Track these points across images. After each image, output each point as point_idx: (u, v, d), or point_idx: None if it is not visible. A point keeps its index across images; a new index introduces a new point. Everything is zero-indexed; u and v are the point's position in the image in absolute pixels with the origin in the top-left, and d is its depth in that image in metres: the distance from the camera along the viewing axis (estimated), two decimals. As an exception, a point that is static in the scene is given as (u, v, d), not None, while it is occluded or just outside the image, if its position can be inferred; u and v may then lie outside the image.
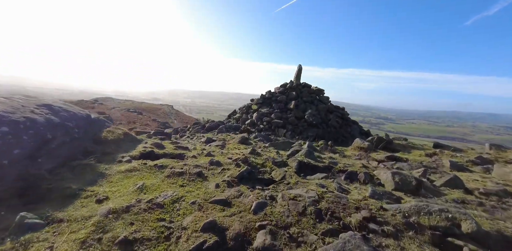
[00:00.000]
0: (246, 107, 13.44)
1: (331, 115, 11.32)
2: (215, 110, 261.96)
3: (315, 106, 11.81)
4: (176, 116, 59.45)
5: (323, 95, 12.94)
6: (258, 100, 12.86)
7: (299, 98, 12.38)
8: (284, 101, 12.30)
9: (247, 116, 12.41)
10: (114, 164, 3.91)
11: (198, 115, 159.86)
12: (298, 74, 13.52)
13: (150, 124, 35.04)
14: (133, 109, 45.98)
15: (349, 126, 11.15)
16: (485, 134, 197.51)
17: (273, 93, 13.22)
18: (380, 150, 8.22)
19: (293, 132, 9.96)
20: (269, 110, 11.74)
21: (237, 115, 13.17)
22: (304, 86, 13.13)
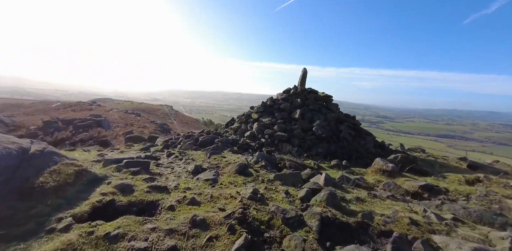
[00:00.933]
0: (245, 115, 12.00)
1: (342, 125, 9.88)
2: (215, 110, 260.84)
3: (323, 115, 10.37)
4: (176, 117, 57.97)
5: (332, 102, 11.50)
6: (259, 108, 11.41)
7: (304, 106, 10.94)
8: (288, 109, 10.86)
9: (246, 126, 10.97)
10: (38, 239, 2.47)
11: (198, 115, 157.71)
12: (302, 78, 12.06)
13: (148, 126, 33.49)
14: (131, 111, 44.59)
15: (362, 139, 9.71)
16: (485, 132, 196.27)
17: (275, 100, 11.77)
18: (407, 174, 6.79)
19: (299, 148, 8.53)
20: (271, 120, 10.30)
21: (235, 125, 11.73)
22: (310, 92, 11.69)
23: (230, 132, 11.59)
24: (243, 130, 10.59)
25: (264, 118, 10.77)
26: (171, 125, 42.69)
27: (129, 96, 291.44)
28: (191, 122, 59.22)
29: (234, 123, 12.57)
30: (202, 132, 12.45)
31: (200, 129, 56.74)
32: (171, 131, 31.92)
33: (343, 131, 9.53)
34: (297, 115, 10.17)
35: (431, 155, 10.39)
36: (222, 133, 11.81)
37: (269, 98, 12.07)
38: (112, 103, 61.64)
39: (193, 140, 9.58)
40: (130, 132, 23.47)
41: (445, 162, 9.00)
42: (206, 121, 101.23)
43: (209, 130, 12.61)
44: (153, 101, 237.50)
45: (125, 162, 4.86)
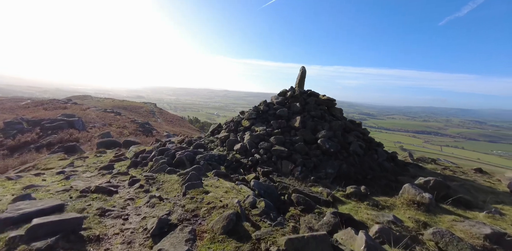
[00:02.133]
0: (234, 122, 10.03)
1: (350, 136, 8.20)
2: (202, 107, 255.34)
3: (327, 123, 8.64)
4: (160, 115, 54.32)
5: (335, 107, 9.80)
6: (250, 114, 9.48)
7: (305, 112, 9.16)
8: (285, 116, 9.02)
9: (236, 136, 9.03)
10: None
11: (183, 113, 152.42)
12: (301, 79, 10.25)
13: (128, 126, 30.35)
14: (111, 109, 40.83)
15: (374, 151, 8.10)
16: (457, 128, 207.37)
17: (270, 104, 9.88)
18: (447, 206, 5.22)
19: (303, 167, 6.74)
20: (266, 130, 8.42)
21: (222, 133, 9.74)
22: (310, 95, 9.90)
23: (216, 142, 9.58)
24: (232, 142, 8.63)
25: (257, 127, 8.87)
26: (155, 124, 39.66)
27: (110, 93, 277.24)
28: (176, 120, 56.09)
29: (221, 130, 10.56)
30: (182, 142, 10.34)
31: (185, 127, 53.88)
32: (153, 131, 29.22)
33: (353, 143, 7.86)
34: (297, 123, 8.36)
35: (448, 168, 9.04)
36: (207, 143, 9.79)
37: (263, 102, 10.15)
38: (91, 101, 56.95)
39: (168, 157, 7.49)
40: (107, 134, 20.74)
41: (470, 179, 7.61)
42: (192, 119, 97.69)
43: (191, 139, 10.54)
44: (136, 98, 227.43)
45: (34, 225, 2.79)
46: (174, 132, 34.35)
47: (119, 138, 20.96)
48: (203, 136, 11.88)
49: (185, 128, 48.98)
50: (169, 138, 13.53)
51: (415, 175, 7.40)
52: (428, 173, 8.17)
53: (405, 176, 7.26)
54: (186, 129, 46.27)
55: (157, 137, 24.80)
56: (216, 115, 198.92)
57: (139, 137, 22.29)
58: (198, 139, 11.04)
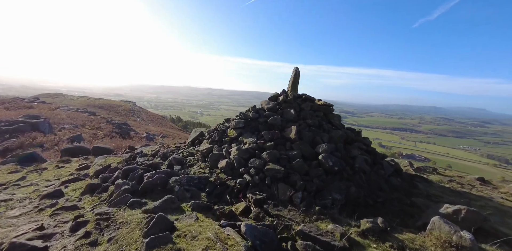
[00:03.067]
0: (218, 132, 8.54)
1: (353, 149, 7.05)
2: (184, 106, 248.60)
3: (326, 133, 7.44)
4: (140, 114, 50.78)
5: (333, 113, 8.63)
6: (238, 122, 8.03)
7: (300, 120, 7.88)
8: (278, 124, 7.68)
9: (220, 149, 7.56)
10: None
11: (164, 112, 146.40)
12: (294, 81, 8.96)
13: (103, 127, 27.35)
14: (85, 108, 37.14)
15: (380, 166, 7.03)
16: (429, 125, 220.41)
17: (260, 111, 8.48)
18: (493, 249, 4.19)
19: (305, 193, 5.46)
20: (257, 142, 7.03)
21: (204, 145, 8.22)
22: (305, 100, 8.64)
23: (197, 156, 8.04)
24: (216, 157, 7.15)
25: (246, 138, 7.46)
26: (134, 124, 36.72)
27: (86, 91, 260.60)
28: (157, 119, 52.97)
29: (203, 140, 9.02)
30: (156, 155, 8.68)
31: (167, 126, 50.69)
32: (131, 133, 26.69)
33: (358, 158, 6.71)
34: (292, 134, 7.06)
35: (453, 180, 8.24)
36: (186, 157, 8.23)
37: (251, 108, 8.72)
38: (63, 100, 52.00)
39: (134, 181, 5.87)
40: (77, 137, 18.24)
41: (486, 196, 6.80)
42: (174, 118, 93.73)
43: (166, 152, 8.89)
44: (114, 96, 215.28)
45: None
46: (155, 132, 32.00)
47: (92, 141, 18.56)
48: (182, 146, 10.26)
49: (167, 127, 46.31)
50: (141, 148, 11.71)
51: (427, 194, 6.42)
52: (437, 188, 7.27)
53: (418, 196, 6.25)
54: (167, 128, 43.69)
55: (136, 139, 22.49)
56: (200, 113, 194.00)
57: (115, 139, 19.97)
58: (175, 151, 9.42)
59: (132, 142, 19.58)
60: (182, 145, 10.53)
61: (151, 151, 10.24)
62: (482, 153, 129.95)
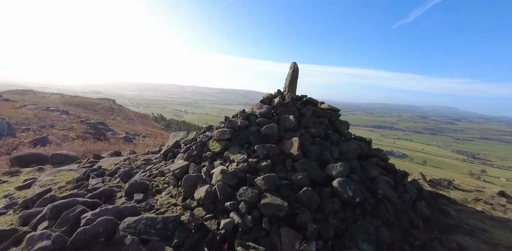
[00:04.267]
0: (198, 144, 6.58)
1: (370, 167, 5.43)
2: (167, 104, 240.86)
3: (335, 146, 5.77)
4: (120, 112, 47.09)
5: (339, 119, 6.98)
6: (223, 132, 6.12)
7: (301, 129, 6.15)
8: (274, 135, 5.89)
9: (198, 169, 5.64)
10: None
11: (147, 110, 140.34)
12: (292, 79, 7.19)
13: (76, 127, 24.26)
14: (56, 107, 33.48)
15: (403, 188, 5.49)
16: (407, 122, 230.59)
17: (251, 117, 6.62)
18: None
19: (319, 241, 3.73)
20: (248, 160, 5.20)
21: (178, 162, 6.24)
22: (306, 103, 6.91)
23: (167, 177, 6.05)
24: (193, 181, 5.24)
25: (233, 153, 5.60)
26: (113, 123, 33.50)
27: (60, 88, 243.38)
28: (139, 118, 49.48)
29: (178, 154, 7.03)
30: (115, 174, 6.60)
31: (149, 125, 47.47)
32: (108, 133, 23.80)
33: (378, 180, 5.10)
34: (294, 148, 5.30)
35: (480, 199, 6.94)
36: (154, 177, 6.24)
37: (240, 113, 6.82)
38: (34, 97, 46.98)
39: (65, 228, 3.82)
40: (42, 140, 15.33)
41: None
42: (157, 116, 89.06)
43: (130, 169, 6.82)
44: (92, 94, 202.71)
45: None
46: (136, 132, 29.29)
47: (60, 144, 15.88)
48: (152, 159, 8.19)
49: (149, 126, 43.35)
50: (105, 159, 9.47)
51: (470, 228, 4.96)
52: (469, 213, 5.88)
53: (458, 230, 4.77)
54: (150, 127, 40.79)
55: (112, 141, 19.81)
56: (184, 112, 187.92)
57: (87, 142, 17.23)
58: (143, 166, 7.36)
59: (106, 144, 17.10)
60: (153, 158, 8.45)
61: (113, 166, 8.08)
62: (453, 149, 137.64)
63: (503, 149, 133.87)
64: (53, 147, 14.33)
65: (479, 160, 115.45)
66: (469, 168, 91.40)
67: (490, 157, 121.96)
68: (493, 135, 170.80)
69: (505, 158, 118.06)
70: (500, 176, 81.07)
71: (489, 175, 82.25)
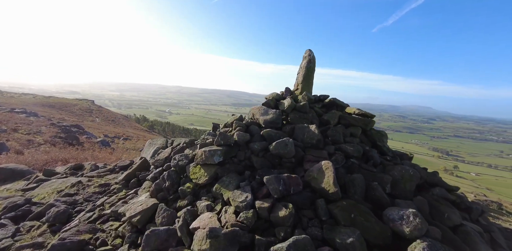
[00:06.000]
0: (172, 170, 4.27)
1: (445, 208, 3.45)
2: (151, 104, 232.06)
3: (380, 171, 3.74)
4: (99, 113, 43.03)
5: (375, 129, 4.98)
6: (211, 152, 3.86)
7: (328, 145, 4.07)
8: (290, 155, 3.75)
9: (170, 217, 3.35)
10: None
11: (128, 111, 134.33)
12: (307, 73, 5.09)
13: (44, 131, 20.56)
14: (22, 108, 29.29)
15: (489, 236, 3.57)
16: (387, 122, 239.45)
17: (251, 126, 4.43)
18: None
19: None
20: (255, 206, 3.01)
21: (139, 202, 3.90)
22: (329, 106, 4.85)
23: (122, 227, 3.73)
24: (161, 242, 2.98)
25: (227, 189, 3.41)
26: (91, 125, 29.92)
27: (33, 88, 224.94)
28: (119, 119, 45.55)
29: (144, 181, 4.70)
30: (42, 218, 4.11)
31: (131, 127, 43.88)
32: (83, 136, 20.42)
33: (468, 233, 3.15)
34: (327, 181, 3.21)
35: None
36: (103, 222, 3.85)
37: (236, 121, 4.57)
38: (0, 97, 42.20)
39: None
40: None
41: None
42: (139, 117, 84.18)
43: (64, 210, 4.37)
44: (69, 94, 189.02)
45: None
46: (116, 134, 26.30)
47: (21, 151, 12.89)
48: (112, 183, 5.76)
49: (131, 128, 40.15)
50: (38, 189, 6.83)
51: None
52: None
53: None
54: (131, 129, 37.63)
55: (86, 146, 16.77)
56: (168, 112, 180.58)
57: (54, 149, 14.13)
58: (93, 198, 4.94)
59: (77, 151, 14.19)
60: (114, 181, 6.00)
61: (52, 195, 5.53)
62: (429, 146, 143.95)
63: (473, 146, 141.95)
64: (11, 155, 11.40)
65: (452, 156, 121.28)
66: (443, 165, 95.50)
67: (462, 153, 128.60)
68: (464, 133, 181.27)
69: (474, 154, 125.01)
70: (471, 171, 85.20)
71: (461, 170, 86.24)
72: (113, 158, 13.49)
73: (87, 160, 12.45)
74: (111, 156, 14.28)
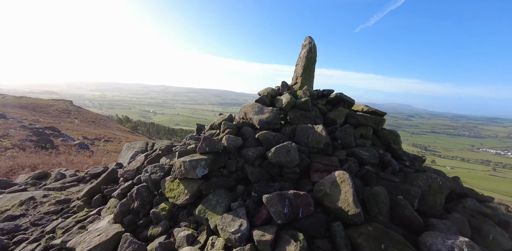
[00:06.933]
0: (142, 187, 3.30)
1: (487, 226, 2.79)
2: (134, 104, 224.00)
3: (402, 180, 3.03)
4: (78, 114, 40.52)
5: (386, 129, 4.29)
6: (193, 163, 2.94)
7: (338, 149, 3.31)
8: (293, 164, 2.94)
9: (139, 249, 2.40)
10: None
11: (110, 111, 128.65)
12: (307, 64, 4.31)
13: (13, 134, 18.59)
14: None
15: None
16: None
17: (244, 128, 3.57)
18: None
19: None
20: (253, 239, 2.16)
21: (102, 228, 2.91)
22: (335, 102, 4.09)
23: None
24: None
25: (215, 212, 2.53)
26: (69, 127, 27.61)
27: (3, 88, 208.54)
28: (100, 120, 42.87)
29: (110, 198, 3.71)
30: None
31: (113, 128, 41.72)
32: (58, 139, 18.44)
33: None
34: (345, 199, 2.45)
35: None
36: None
37: (225, 122, 3.69)
38: None
39: None
40: None
41: None
42: (122, 118, 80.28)
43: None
44: (44, 94, 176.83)
45: None
46: (97, 136, 24.40)
47: None
48: (73, 199, 4.68)
49: (113, 129, 37.98)
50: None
51: None
52: None
53: None
54: (113, 130, 35.50)
55: (61, 149, 15.04)
56: (152, 112, 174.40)
57: (23, 154, 12.45)
58: (43, 221, 3.85)
59: (48, 156, 12.58)
60: (76, 197, 4.90)
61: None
62: (409, 142, 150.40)
63: (448, 141, 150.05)
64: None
65: (430, 151, 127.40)
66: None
67: (438, 148, 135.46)
68: (440, 129, 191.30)
69: (449, 149, 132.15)
70: (446, 165, 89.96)
71: (437, 164, 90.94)
72: (91, 162, 12.12)
73: (61, 165, 11.01)
74: (89, 159, 12.90)
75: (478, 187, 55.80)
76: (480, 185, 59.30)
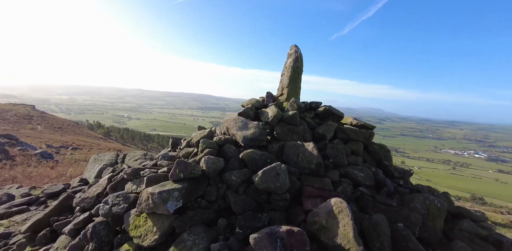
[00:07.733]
0: (100, 224, 2.65)
1: None
2: (107, 109, 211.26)
3: (398, 202, 2.77)
4: (42, 120, 37.10)
5: (375, 143, 4.08)
6: (163, 193, 2.40)
7: (330, 170, 2.98)
8: (283, 190, 2.54)
9: None
10: None
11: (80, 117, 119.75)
12: (293, 74, 3.99)
13: None
14: None
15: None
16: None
17: (226, 146, 3.11)
18: None
19: None
20: None
21: None
22: (323, 116, 3.80)
23: None
24: None
25: None
26: (29, 134, 24.63)
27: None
28: (68, 126, 39.45)
29: (60, 235, 3.01)
30: None
31: (82, 134, 38.57)
32: (15, 149, 16.19)
33: None
34: (345, 234, 2.10)
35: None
36: None
37: (203, 139, 3.18)
38: None
39: None
40: None
41: None
42: (93, 123, 74.68)
43: None
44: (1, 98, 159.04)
45: None
46: (63, 143, 22.01)
47: None
48: (14, 233, 3.77)
49: (82, 135, 34.95)
50: None
51: None
52: None
53: None
54: (83, 137, 32.60)
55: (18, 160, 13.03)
56: (127, 117, 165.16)
57: None
58: None
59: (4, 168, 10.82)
60: (18, 230, 4.00)
61: None
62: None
63: (415, 143, 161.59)
64: None
65: (400, 153, 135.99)
66: (393, 161, 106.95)
67: (407, 150, 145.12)
68: (408, 132, 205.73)
69: (416, 150, 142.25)
70: (414, 165, 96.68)
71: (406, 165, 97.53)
72: (54, 174, 10.74)
73: (15, 179, 9.56)
74: (51, 171, 11.44)
75: (441, 185, 60.52)
76: (442, 183, 64.47)
